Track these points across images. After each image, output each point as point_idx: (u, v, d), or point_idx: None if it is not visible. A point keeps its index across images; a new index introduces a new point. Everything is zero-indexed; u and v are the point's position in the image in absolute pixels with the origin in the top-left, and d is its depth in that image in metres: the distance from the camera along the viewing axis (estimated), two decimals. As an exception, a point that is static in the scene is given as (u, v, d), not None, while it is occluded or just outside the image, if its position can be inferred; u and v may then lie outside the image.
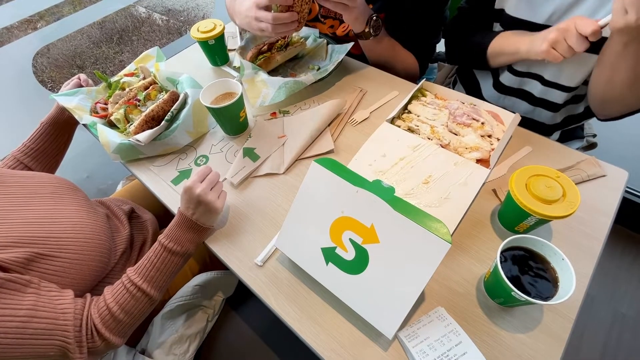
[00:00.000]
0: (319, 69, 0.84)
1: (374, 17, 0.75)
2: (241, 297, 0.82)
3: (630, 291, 1.18)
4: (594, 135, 0.90)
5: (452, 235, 0.52)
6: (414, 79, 0.74)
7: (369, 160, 0.62)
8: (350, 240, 0.46)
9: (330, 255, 0.48)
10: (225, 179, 0.67)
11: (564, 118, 0.79)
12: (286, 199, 0.64)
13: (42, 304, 0.48)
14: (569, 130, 0.85)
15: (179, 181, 0.68)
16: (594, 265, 0.52)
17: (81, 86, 0.81)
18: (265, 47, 0.83)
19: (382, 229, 0.43)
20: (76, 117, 0.74)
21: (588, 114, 0.78)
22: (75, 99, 0.77)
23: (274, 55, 0.83)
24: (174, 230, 0.57)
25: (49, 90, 1.99)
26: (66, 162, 0.83)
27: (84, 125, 0.77)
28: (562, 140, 0.87)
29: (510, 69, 0.77)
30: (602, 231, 0.55)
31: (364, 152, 0.64)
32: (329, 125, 0.74)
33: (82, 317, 0.51)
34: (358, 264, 0.45)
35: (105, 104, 0.77)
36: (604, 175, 0.61)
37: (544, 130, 0.81)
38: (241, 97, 0.67)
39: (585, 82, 0.70)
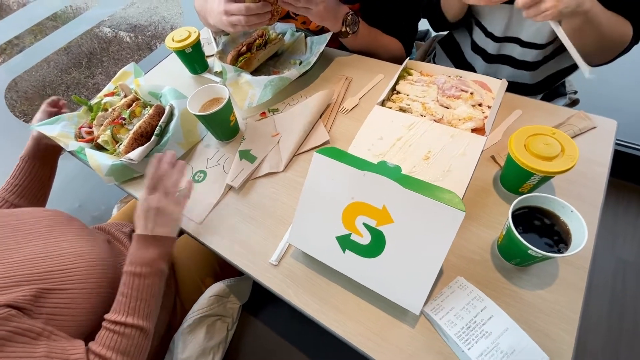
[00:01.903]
0: (300, 63, 0.84)
1: (349, 16, 0.75)
2: (257, 301, 0.81)
3: (629, 238, 1.22)
4: (575, 92, 0.93)
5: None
6: (401, 62, 0.75)
7: (367, 145, 0.63)
8: (364, 224, 0.46)
9: (345, 242, 0.48)
10: (229, 185, 0.66)
11: (545, 77, 0.80)
12: (290, 196, 0.63)
13: (55, 355, 0.46)
14: (552, 89, 0.87)
15: None
16: (599, 214, 0.53)
17: (57, 113, 0.79)
18: (244, 48, 0.82)
19: (395, 209, 0.43)
20: (61, 144, 0.72)
21: (567, 70, 0.80)
22: (57, 126, 0.75)
23: (254, 55, 0.82)
24: (135, 253, 0.55)
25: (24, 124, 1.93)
26: (55, 193, 0.80)
27: (70, 152, 0.74)
28: (546, 99, 0.89)
29: (489, 34, 0.78)
30: (601, 181, 0.57)
31: (360, 138, 0.64)
32: (320, 117, 0.74)
33: None
34: (375, 246, 0.45)
35: (90, 127, 0.75)
36: (594, 127, 0.63)
37: (528, 91, 0.83)
38: (229, 100, 0.66)
39: (556, 39, 0.71)
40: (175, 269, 0.79)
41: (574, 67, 0.81)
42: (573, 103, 0.91)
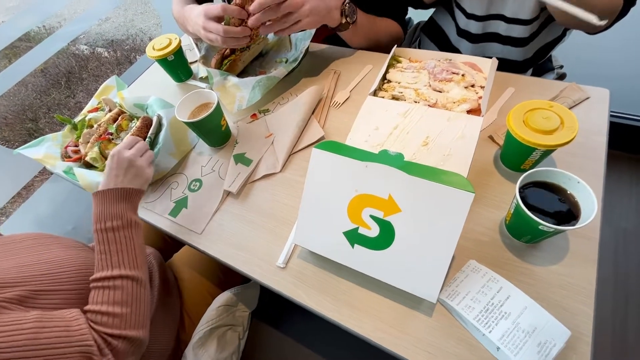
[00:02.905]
0: (287, 60, 0.82)
1: (347, 5, 0.71)
2: (266, 307, 0.80)
3: (625, 206, 1.24)
4: (561, 67, 0.93)
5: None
6: (400, 42, 0.72)
7: (364, 136, 0.61)
8: (371, 216, 0.45)
9: (354, 237, 0.46)
10: (227, 191, 0.64)
11: (534, 52, 0.80)
12: (290, 196, 0.62)
13: (50, 316, 0.44)
14: (540, 64, 0.87)
15: (178, 212, 0.64)
16: (602, 183, 0.53)
17: None
18: (228, 50, 0.80)
19: (401, 197, 0.42)
20: (48, 166, 0.70)
21: (553, 42, 0.80)
22: (42, 148, 0.72)
23: (239, 57, 0.80)
24: (100, 210, 0.52)
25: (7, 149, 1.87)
26: (45, 218, 0.78)
27: (57, 174, 0.72)
28: (534, 76, 0.89)
29: (471, 15, 0.78)
30: (601, 150, 0.57)
31: (356, 130, 0.63)
32: (312, 113, 0.72)
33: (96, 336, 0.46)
34: (385, 238, 0.44)
35: (76, 145, 0.73)
36: (587, 98, 0.63)
37: (517, 68, 0.83)
38: (219, 104, 0.65)
39: (541, 14, 0.71)
40: (179, 283, 0.77)
41: (558, 40, 0.81)
42: (560, 77, 0.91)
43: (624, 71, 1.25)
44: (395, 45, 0.74)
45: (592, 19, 0.52)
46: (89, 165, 0.71)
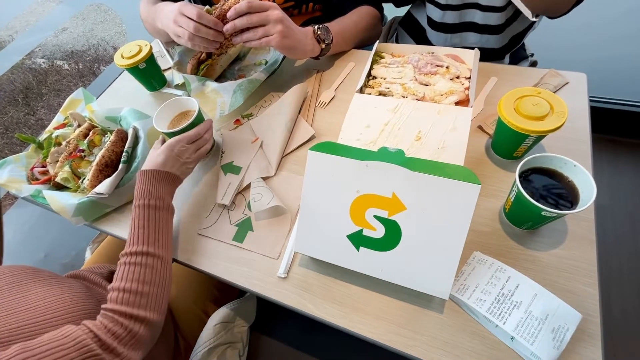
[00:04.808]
0: (266, 62, 0.80)
1: (319, 31, 0.70)
2: (265, 319, 0.77)
3: (597, 184, 1.30)
4: (532, 55, 0.96)
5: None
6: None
7: (355, 135, 0.60)
8: (376, 217, 0.43)
9: (358, 239, 0.45)
10: (222, 204, 0.61)
11: (510, 38, 0.82)
12: (285, 201, 0.59)
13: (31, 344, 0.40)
14: (516, 52, 0.89)
15: (243, 236, 0.57)
16: (591, 164, 0.54)
17: None
18: (204, 55, 0.76)
19: (406, 195, 0.41)
20: (13, 191, 0.63)
21: (527, 29, 0.82)
22: (4, 172, 0.65)
23: (216, 61, 0.77)
24: (144, 187, 0.53)
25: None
26: (14, 247, 0.71)
27: (23, 199, 0.65)
28: (512, 63, 0.91)
29: (447, 6, 0.78)
30: (585, 133, 0.58)
31: (346, 129, 0.61)
32: (299, 112, 0.70)
33: (95, 328, 0.43)
34: (391, 238, 0.43)
35: (44, 166, 0.67)
36: (567, 83, 0.64)
37: (496, 55, 0.84)
38: (200, 111, 0.61)
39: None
40: (170, 303, 0.72)
41: (531, 25, 0.83)
42: (532, 65, 0.94)
43: (591, 56, 1.30)
44: (377, 41, 0.73)
45: (529, 14, 0.61)
46: (59, 187, 0.65)
